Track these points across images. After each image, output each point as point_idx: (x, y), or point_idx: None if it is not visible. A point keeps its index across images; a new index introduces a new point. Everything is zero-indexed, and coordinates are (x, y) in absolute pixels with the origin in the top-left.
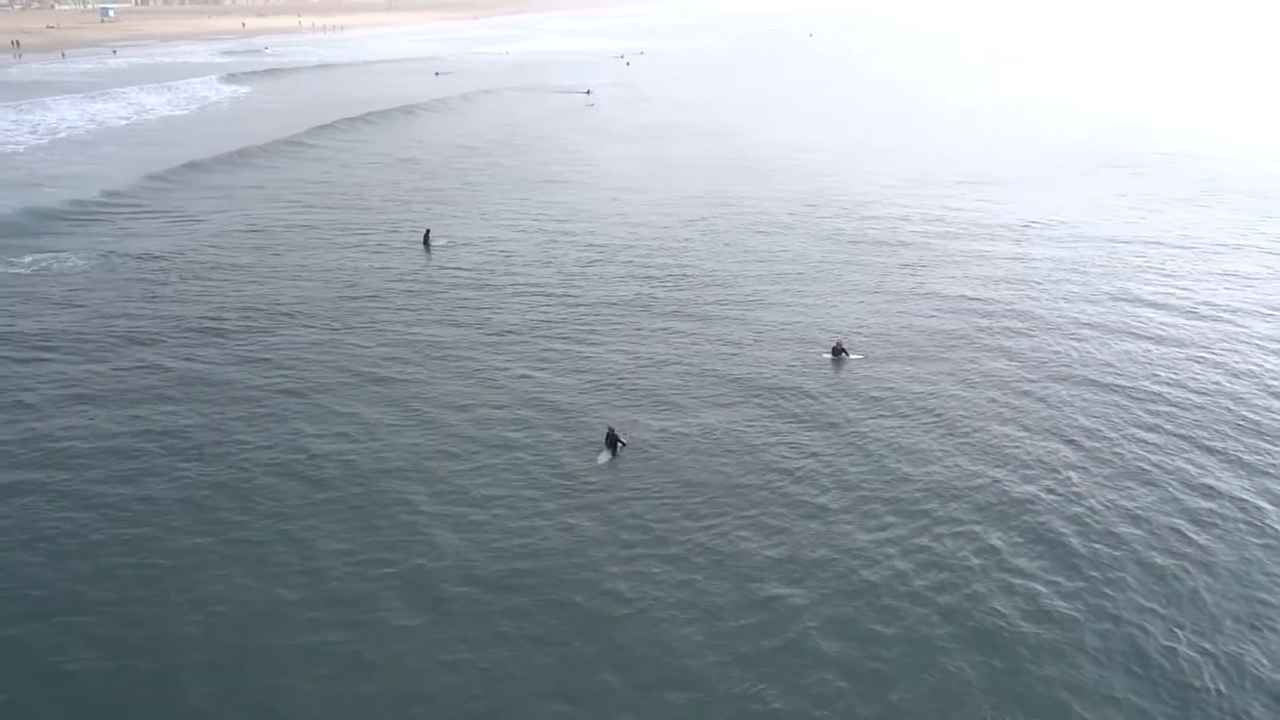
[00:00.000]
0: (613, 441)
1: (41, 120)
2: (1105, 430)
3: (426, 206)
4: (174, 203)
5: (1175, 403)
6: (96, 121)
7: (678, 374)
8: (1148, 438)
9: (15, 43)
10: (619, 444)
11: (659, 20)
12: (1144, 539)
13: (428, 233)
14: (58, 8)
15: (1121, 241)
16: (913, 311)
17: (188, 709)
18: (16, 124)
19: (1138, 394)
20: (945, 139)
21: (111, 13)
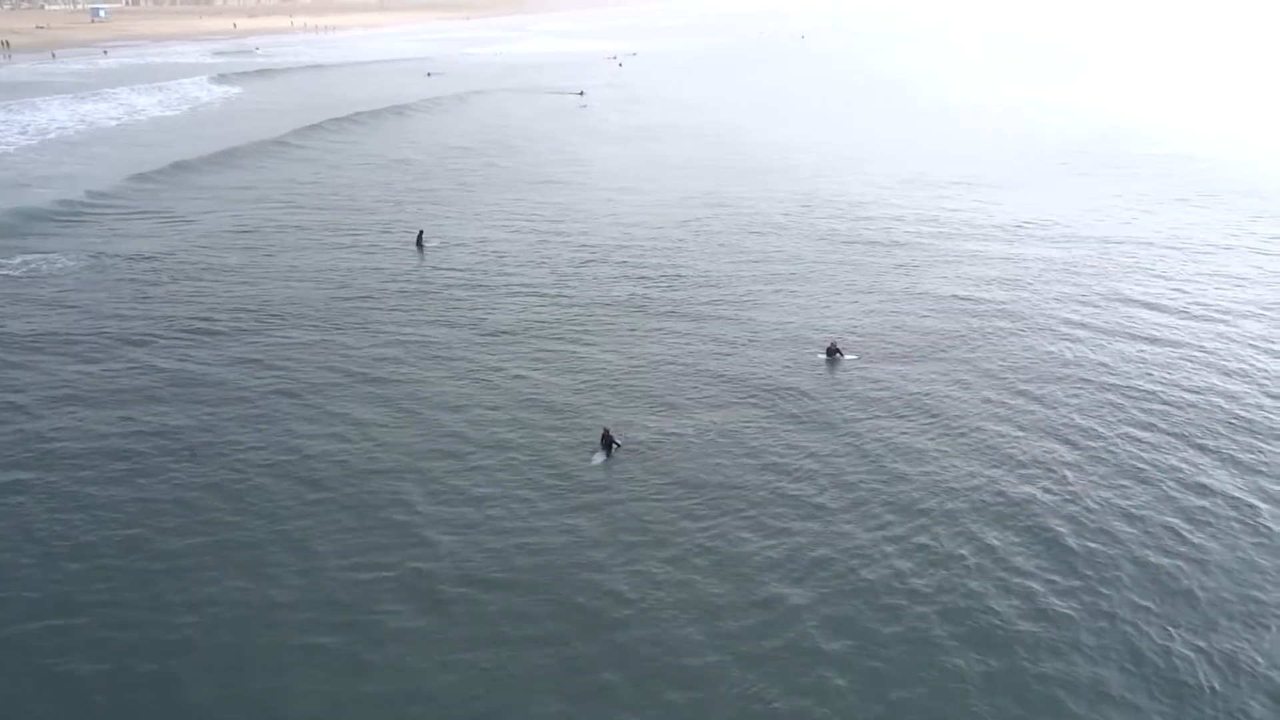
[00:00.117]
0: (608, 442)
1: (31, 121)
2: (1100, 429)
3: (419, 207)
4: (164, 203)
5: (1169, 402)
6: (87, 122)
7: (672, 375)
8: (1142, 436)
9: (5, 43)
10: (614, 445)
11: (652, 21)
12: (1139, 537)
13: (421, 234)
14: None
15: (1115, 242)
16: (907, 312)
17: (186, 709)
18: (6, 124)
19: (1132, 393)
20: (939, 139)
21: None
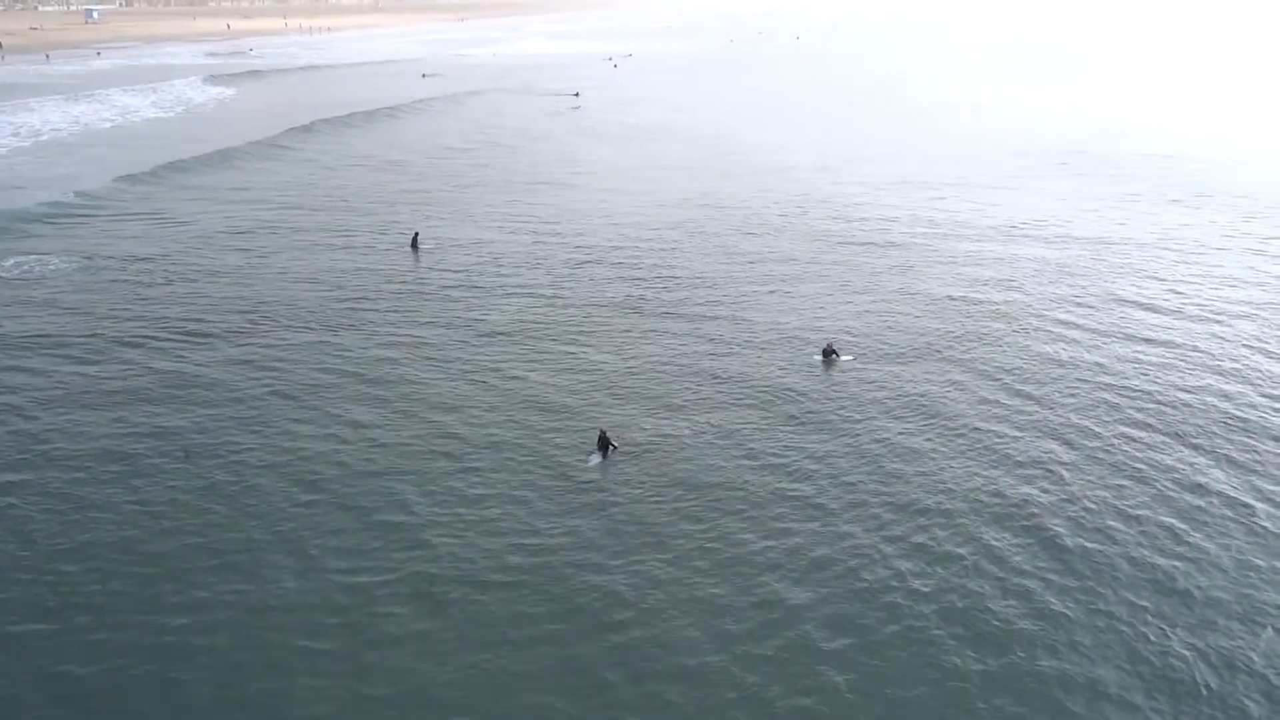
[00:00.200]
0: (604, 444)
1: (24, 122)
2: (1096, 429)
3: (414, 209)
4: (158, 205)
5: (1165, 401)
6: (80, 123)
7: (668, 376)
8: (1139, 436)
9: None
10: (610, 447)
11: (647, 23)
12: (1136, 536)
13: (416, 235)
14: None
15: (1110, 242)
16: (902, 313)
17: (185, 709)
18: None
19: (1128, 393)
20: (934, 140)
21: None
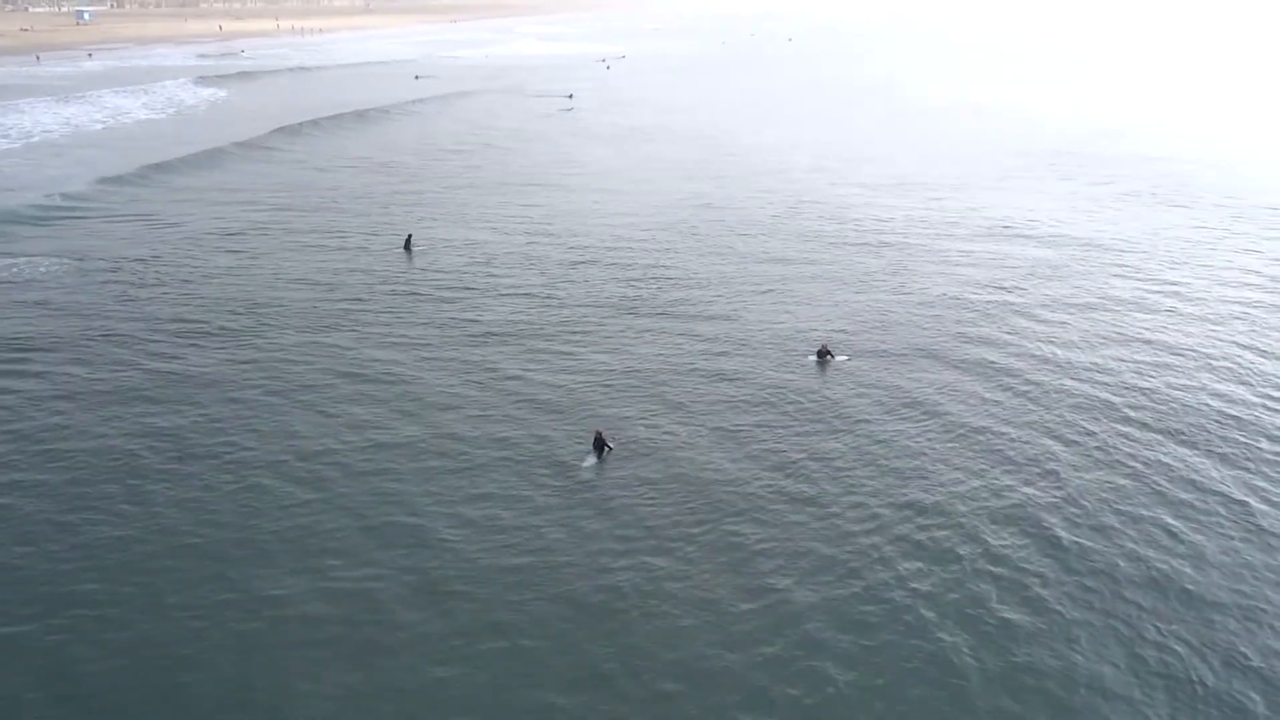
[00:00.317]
0: (600, 445)
1: (15, 124)
2: (1092, 427)
3: (407, 210)
4: (150, 206)
5: (1160, 399)
6: (71, 125)
7: (664, 376)
8: (1134, 434)
9: None
10: (606, 448)
11: (641, 24)
12: (1133, 534)
13: (409, 237)
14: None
15: (1100, 242)
16: (897, 312)
17: (186, 709)
18: None
19: (1123, 391)
20: (928, 141)
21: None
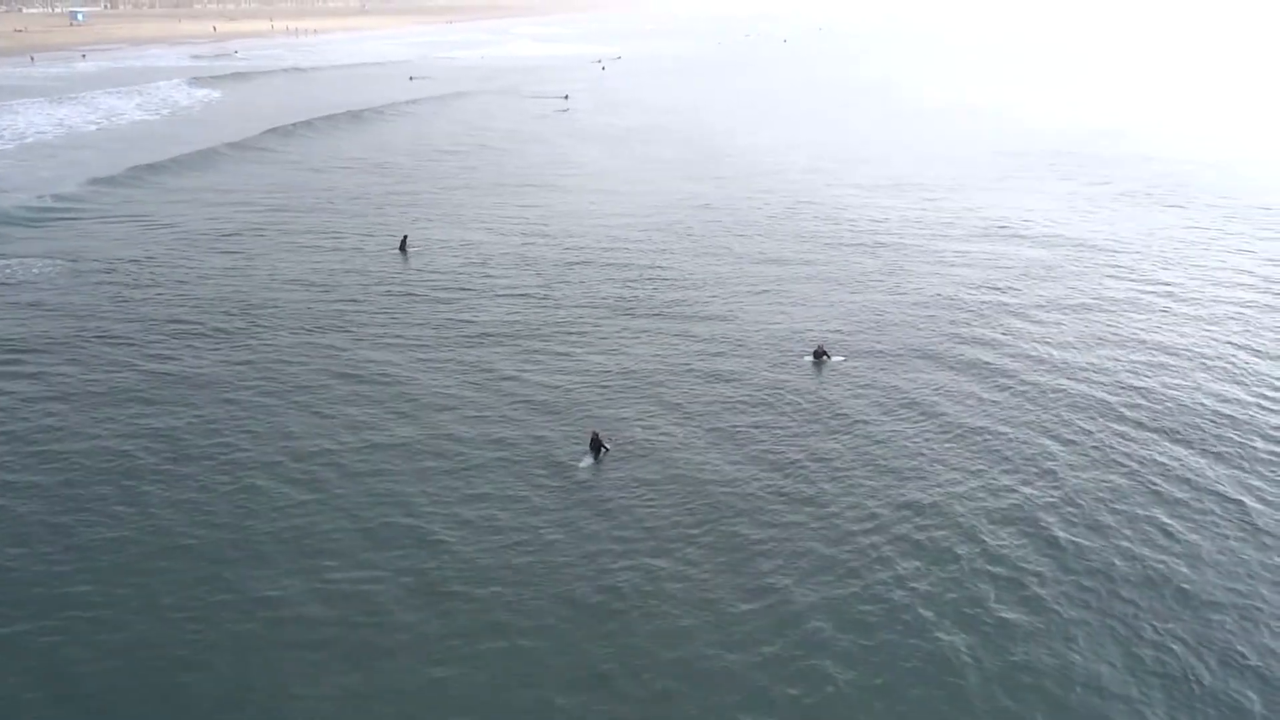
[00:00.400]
0: (596, 446)
1: (9, 125)
2: (1088, 426)
3: (402, 211)
4: (144, 207)
5: (1155, 398)
6: (65, 126)
7: (660, 377)
8: (1131, 433)
9: None
10: (603, 449)
11: (637, 25)
12: (1130, 532)
13: (405, 239)
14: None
15: (1096, 242)
16: (892, 313)
17: (185, 709)
18: None
19: (1118, 390)
20: (924, 142)
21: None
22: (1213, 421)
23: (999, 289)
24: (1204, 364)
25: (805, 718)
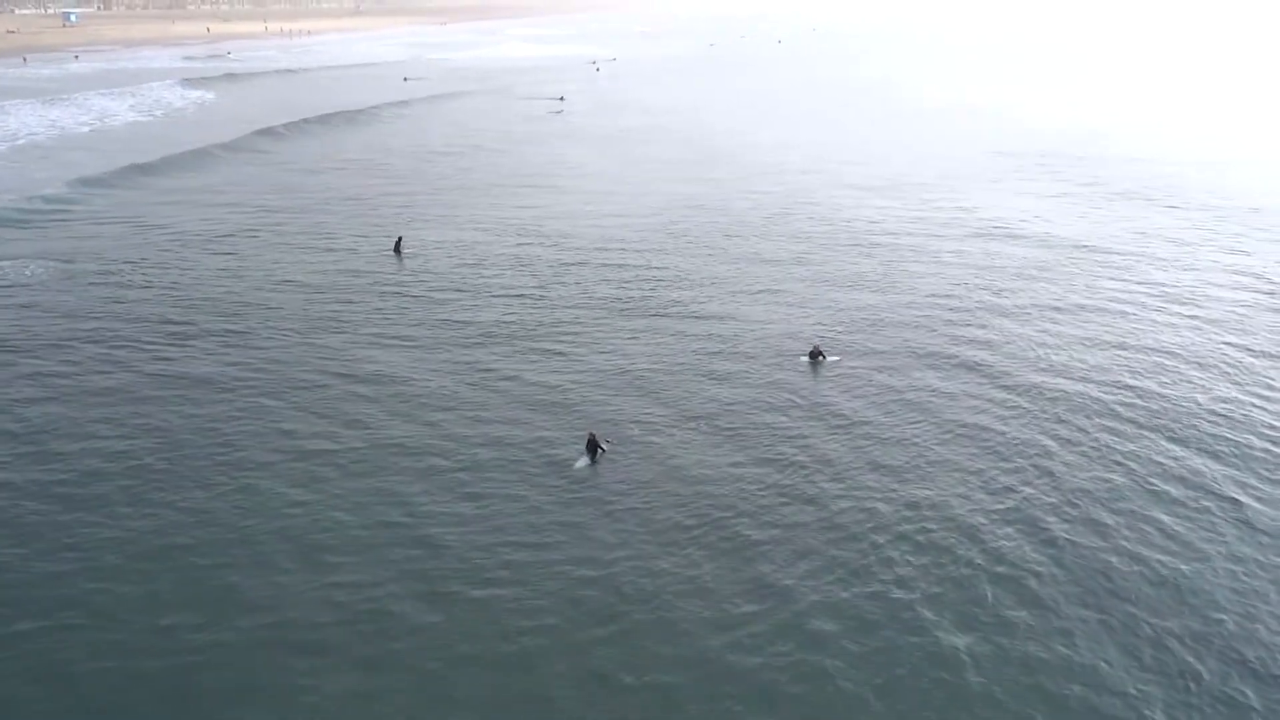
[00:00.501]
0: (593, 447)
1: (1, 126)
2: (1085, 425)
3: (397, 212)
4: (137, 209)
5: (1151, 397)
6: (58, 127)
7: (657, 378)
8: (1128, 431)
9: None
10: (600, 449)
11: (633, 26)
12: (1127, 531)
13: (399, 240)
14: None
15: (1091, 242)
16: (888, 313)
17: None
18: None
19: (1114, 389)
20: (918, 142)
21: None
22: (1209, 420)
23: (995, 289)
24: (1199, 363)
25: (806, 717)
